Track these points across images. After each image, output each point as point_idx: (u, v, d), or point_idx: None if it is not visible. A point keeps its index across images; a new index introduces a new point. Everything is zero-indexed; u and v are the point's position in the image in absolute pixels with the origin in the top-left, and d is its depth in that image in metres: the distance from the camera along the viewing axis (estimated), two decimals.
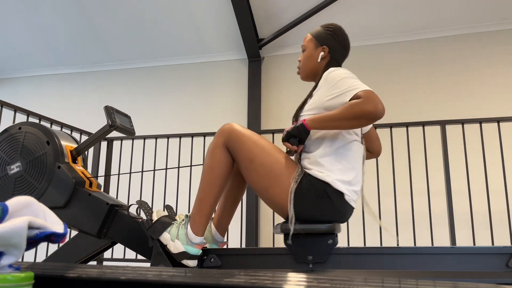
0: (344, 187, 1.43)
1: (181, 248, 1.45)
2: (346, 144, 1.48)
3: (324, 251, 1.46)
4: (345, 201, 1.45)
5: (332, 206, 1.43)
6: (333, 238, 1.46)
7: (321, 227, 1.44)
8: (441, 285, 0.55)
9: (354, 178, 1.46)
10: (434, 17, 4.39)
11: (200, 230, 1.49)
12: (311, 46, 1.65)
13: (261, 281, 0.54)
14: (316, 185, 1.42)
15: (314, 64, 1.64)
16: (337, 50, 1.63)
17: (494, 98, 4.19)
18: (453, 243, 2.83)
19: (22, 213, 0.50)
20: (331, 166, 1.44)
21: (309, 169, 1.46)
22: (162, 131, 4.63)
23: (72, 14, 4.90)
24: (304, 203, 1.42)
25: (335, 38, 1.63)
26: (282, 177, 1.45)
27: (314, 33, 1.67)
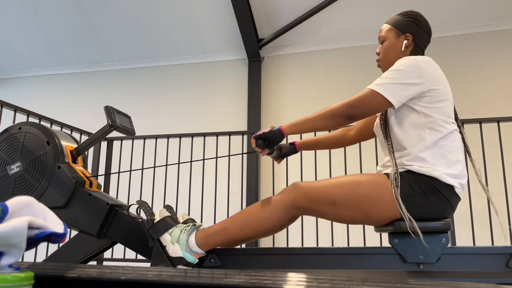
0: (454, 180, 1.35)
1: (179, 253, 1.44)
2: (446, 134, 1.40)
3: (437, 250, 1.37)
4: (456, 195, 1.38)
5: (443, 201, 1.35)
6: (446, 237, 1.38)
7: (436, 224, 1.35)
8: (441, 285, 0.55)
9: (461, 171, 1.39)
10: (434, 17, 4.39)
11: (205, 248, 1.46)
12: (392, 35, 1.58)
13: (261, 281, 0.54)
14: (421, 181, 1.35)
15: (398, 54, 1.57)
16: (421, 36, 1.57)
17: (494, 98, 4.19)
18: (453, 243, 2.82)
19: (22, 213, 0.50)
20: (435, 160, 1.36)
21: (410, 165, 1.38)
22: (162, 131, 4.62)
23: (72, 14, 4.90)
24: (413, 203, 1.34)
25: (417, 25, 1.57)
26: (374, 194, 1.37)
27: (393, 22, 1.60)
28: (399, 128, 1.45)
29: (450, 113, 1.45)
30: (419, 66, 1.40)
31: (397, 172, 1.36)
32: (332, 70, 4.78)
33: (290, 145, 1.77)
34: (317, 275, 0.60)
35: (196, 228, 1.51)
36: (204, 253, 1.49)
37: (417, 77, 1.39)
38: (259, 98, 4.77)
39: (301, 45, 4.91)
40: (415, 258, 1.37)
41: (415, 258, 1.37)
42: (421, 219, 1.35)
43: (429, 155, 1.37)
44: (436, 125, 1.40)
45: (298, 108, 4.75)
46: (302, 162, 3.24)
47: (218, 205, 3.42)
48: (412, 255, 1.38)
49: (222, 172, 3.99)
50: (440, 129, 1.40)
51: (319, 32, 4.75)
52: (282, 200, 1.44)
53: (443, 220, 1.37)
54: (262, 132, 1.47)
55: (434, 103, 1.41)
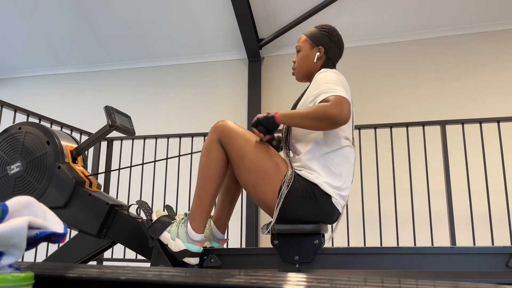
0: (332, 190, 1.44)
1: (182, 246, 1.46)
2: (337, 149, 1.49)
3: (310, 251, 1.47)
4: (332, 204, 1.46)
5: (318, 207, 1.44)
6: (319, 238, 1.47)
7: (307, 227, 1.45)
8: (441, 285, 0.55)
9: (342, 184, 1.48)
10: (434, 17, 4.39)
11: (200, 227, 1.50)
12: (307, 46, 1.66)
13: (261, 281, 0.54)
14: (304, 186, 1.43)
15: (310, 65, 1.65)
16: (333, 50, 1.64)
17: (494, 98, 4.19)
18: (453, 243, 2.83)
19: (22, 213, 0.50)
20: (320, 169, 1.46)
21: (299, 170, 1.48)
22: (162, 131, 4.63)
23: (72, 14, 4.90)
24: (292, 204, 1.43)
25: (330, 39, 1.64)
26: (271, 176, 1.46)
27: (309, 34, 1.67)
28: (299, 134, 1.54)
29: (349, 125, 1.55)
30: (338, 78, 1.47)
31: (293, 174, 1.45)
32: None
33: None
34: (317, 275, 0.60)
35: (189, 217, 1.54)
36: (206, 240, 1.53)
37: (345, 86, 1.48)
38: (259, 98, 4.77)
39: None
40: (290, 258, 1.47)
41: (291, 258, 1.47)
42: (298, 221, 1.46)
43: (316, 164, 1.46)
44: (327, 140, 1.49)
45: None
46: None
47: None
48: (288, 255, 1.48)
49: None
50: (330, 144, 1.48)
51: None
52: (211, 140, 1.53)
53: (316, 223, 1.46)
54: (257, 118, 1.51)
55: None
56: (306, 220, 1.46)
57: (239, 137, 1.50)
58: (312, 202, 1.43)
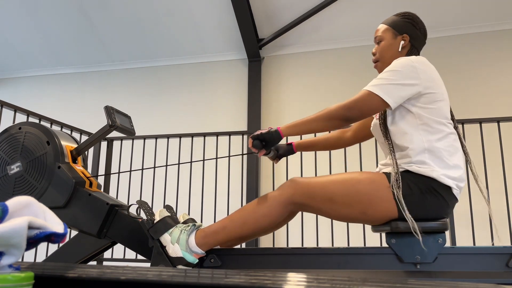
0: (451, 181, 1.36)
1: (179, 253, 1.44)
2: (443, 136, 1.41)
3: (434, 250, 1.37)
4: (453, 195, 1.38)
5: (441, 201, 1.36)
6: (443, 237, 1.38)
7: (433, 224, 1.36)
8: (441, 285, 0.55)
9: (459, 174, 1.39)
10: (434, 17, 4.39)
11: (204, 247, 1.46)
12: (389, 36, 1.58)
13: (261, 281, 0.54)
14: (419, 182, 1.35)
15: (394, 54, 1.57)
16: (418, 37, 1.58)
17: (494, 98, 4.19)
18: (453, 243, 2.83)
19: (22, 213, 0.50)
20: (432, 161, 1.37)
21: (409, 165, 1.39)
22: (162, 131, 4.62)
23: (72, 14, 4.90)
24: (411, 202, 1.34)
25: (414, 26, 1.57)
26: (373, 192, 1.37)
27: (390, 23, 1.60)
28: (396, 129, 1.46)
29: (447, 113, 1.46)
30: (414, 67, 1.41)
31: (398, 173, 1.37)
32: (332, 70, 4.78)
33: (287, 146, 1.78)
34: (317, 275, 0.60)
35: (196, 228, 1.51)
36: (204, 253, 1.49)
37: (413, 77, 1.40)
38: (259, 98, 4.77)
39: (301, 45, 4.91)
40: (412, 258, 1.38)
41: (412, 258, 1.38)
42: (418, 219, 1.35)
43: (427, 157, 1.38)
44: (432, 127, 1.41)
45: (298, 108, 4.75)
46: (302, 161, 3.24)
47: (218, 205, 3.42)
48: (409, 255, 1.38)
49: (222, 172, 3.99)
50: (436, 131, 1.41)
51: (319, 32, 4.75)
52: (279, 196, 1.43)
53: (440, 220, 1.38)
54: (260, 132, 1.47)
55: (430, 103, 1.42)
56: (428, 217, 1.36)
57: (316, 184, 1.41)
58: (433, 197, 1.35)
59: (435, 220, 1.37)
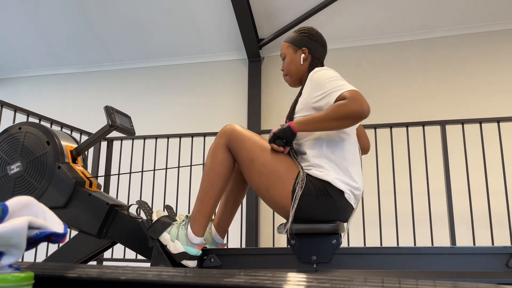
0: (344, 186, 1.44)
1: (181, 248, 1.46)
2: (341, 145, 1.49)
3: (328, 251, 1.46)
4: (346, 200, 1.45)
5: (333, 204, 1.43)
6: (337, 238, 1.46)
7: (325, 226, 1.44)
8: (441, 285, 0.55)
9: (353, 179, 1.48)
10: (434, 17, 4.39)
11: (200, 230, 1.49)
12: (290, 51, 1.69)
13: (261, 281, 0.54)
14: (316, 184, 1.43)
15: (297, 67, 1.67)
16: (316, 48, 1.67)
17: (494, 98, 4.19)
18: (453, 243, 2.83)
19: (22, 213, 0.50)
20: (328, 166, 1.46)
21: (308, 169, 1.48)
22: (162, 131, 4.62)
23: (72, 14, 4.90)
24: (306, 203, 1.42)
25: (311, 38, 1.67)
26: (283, 177, 1.45)
27: (289, 39, 1.71)
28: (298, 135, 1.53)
29: None
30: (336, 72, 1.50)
31: (304, 174, 1.44)
32: None
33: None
34: (317, 275, 0.60)
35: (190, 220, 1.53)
36: (205, 243, 1.53)
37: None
38: (259, 98, 4.77)
39: None
40: (308, 258, 1.46)
41: (309, 258, 1.46)
42: (314, 220, 1.44)
43: (324, 161, 1.46)
44: (332, 134, 1.49)
45: None
46: None
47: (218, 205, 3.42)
48: (305, 255, 1.47)
49: None
50: (336, 139, 1.49)
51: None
52: (219, 141, 1.53)
53: (333, 222, 1.45)
54: (273, 133, 1.50)
55: None
56: (321, 218, 1.45)
57: (247, 141, 1.50)
58: (326, 199, 1.42)
59: (328, 222, 1.45)
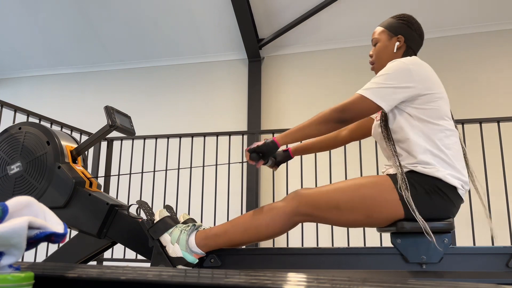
0: (457, 181, 1.36)
1: (179, 253, 1.44)
2: (445, 136, 1.41)
3: (439, 250, 1.37)
4: (459, 195, 1.39)
5: (447, 202, 1.36)
6: (449, 237, 1.38)
7: (439, 224, 1.35)
8: (441, 285, 0.55)
9: (461, 173, 1.40)
10: (434, 17, 4.39)
11: (205, 248, 1.47)
12: (385, 37, 1.60)
13: (261, 281, 0.54)
14: (425, 182, 1.36)
15: (390, 55, 1.58)
16: (413, 38, 1.58)
17: (494, 98, 4.19)
18: (453, 243, 2.83)
19: (22, 213, 0.50)
20: (437, 161, 1.37)
21: (414, 166, 1.39)
22: (162, 131, 4.62)
23: (72, 14, 4.90)
24: (415, 203, 1.34)
25: (409, 27, 1.58)
26: (377, 195, 1.38)
27: (385, 25, 1.62)
28: (398, 131, 1.46)
29: (447, 112, 1.46)
30: (408, 69, 1.41)
31: (403, 174, 1.37)
32: (332, 70, 4.78)
33: (284, 152, 1.78)
34: (317, 275, 0.60)
35: (196, 228, 1.51)
36: (204, 254, 1.49)
37: (407, 80, 1.40)
38: (259, 98, 4.77)
39: (301, 45, 4.91)
40: (417, 258, 1.38)
41: (418, 258, 1.38)
42: (424, 219, 1.35)
43: (430, 157, 1.38)
44: (433, 128, 1.41)
45: (298, 108, 4.75)
46: (302, 162, 3.24)
47: (218, 206, 3.42)
48: (414, 255, 1.38)
49: (222, 172, 3.99)
50: (437, 131, 1.41)
51: (319, 32, 4.75)
52: (284, 208, 1.44)
53: (446, 220, 1.38)
54: (256, 145, 1.48)
55: (429, 103, 1.42)
56: (433, 217, 1.36)
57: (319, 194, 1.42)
58: (439, 197, 1.35)
59: (441, 220, 1.37)
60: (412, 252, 1.39)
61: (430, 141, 1.40)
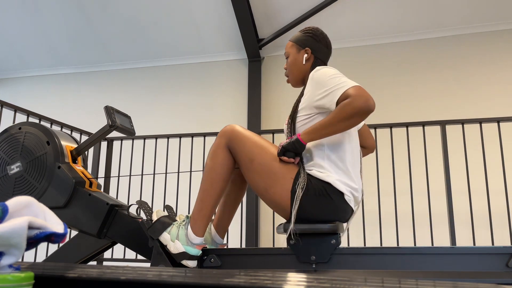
0: (344, 188, 1.44)
1: (181, 248, 1.46)
2: (342, 145, 1.49)
3: (327, 251, 1.46)
4: (345, 201, 1.45)
5: (333, 205, 1.43)
6: (336, 238, 1.47)
7: (325, 226, 1.44)
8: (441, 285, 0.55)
9: (353, 180, 1.48)
10: (434, 17, 4.39)
11: (200, 231, 1.50)
12: (294, 51, 1.68)
13: (261, 281, 0.54)
14: (316, 185, 1.43)
15: (300, 68, 1.66)
16: (320, 49, 1.66)
17: (494, 98, 4.19)
18: (453, 243, 2.83)
19: (22, 213, 0.50)
20: (330, 167, 1.46)
21: (309, 169, 1.48)
22: (162, 131, 4.63)
23: (72, 14, 4.90)
24: (306, 203, 1.42)
25: (315, 39, 1.66)
26: (282, 177, 1.45)
27: (293, 39, 1.70)
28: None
29: None
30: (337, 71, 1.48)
31: (305, 174, 1.45)
32: None
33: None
34: (317, 275, 0.60)
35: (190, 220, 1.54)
36: (205, 243, 1.53)
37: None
38: (259, 98, 4.77)
39: None
40: (307, 258, 1.46)
41: (308, 258, 1.46)
42: (313, 220, 1.44)
43: (326, 162, 1.47)
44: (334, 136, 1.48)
45: None
46: None
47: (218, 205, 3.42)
48: (305, 255, 1.47)
49: None
50: (337, 140, 1.49)
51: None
52: (219, 142, 1.53)
53: (332, 222, 1.45)
54: (281, 146, 1.48)
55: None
56: (320, 219, 1.45)
57: (247, 141, 1.51)
58: (326, 200, 1.43)
59: (327, 223, 1.45)
60: (303, 252, 1.48)
61: (327, 150, 1.48)
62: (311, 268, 1.46)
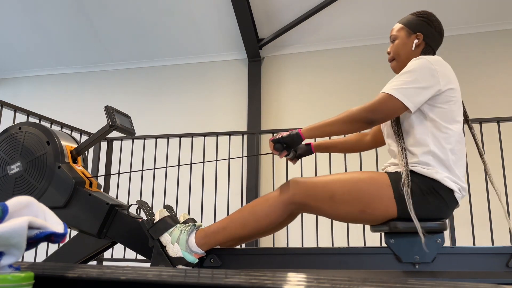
0: (454, 184, 1.37)
1: (179, 253, 1.44)
2: (450, 139, 1.41)
3: (432, 250, 1.38)
4: (455, 198, 1.39)
5: (441, 203, 1.36)
6: (441, 237, 1.39)
7: (432, 225, 1.36)
8: (441, 285, 0.55)
9: (461, 176, 1.40)
10: None
11: (204, 247, 1.47)
12: (403, 34, 1.57)
13: (261, 281, 0.54)
14: (422, 183, 1.36)
15: (408, 53, 1.55)
16: (432, 36, 1.55)
17: (494, 98, 4.19)
18: (453, 243, 2.82)
19: (22, 213, 0.50)
20: (437, 163, 1.38)
21: (413, 166, 1.39)
22: (162, 131, 4.62)
23: (72, 14, 4.90)
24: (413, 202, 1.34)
25: (429, 24, 1.55)
26: (376, 190, 1.37)
27: (404, 21, 1.58)
28: (408, 129, 1.46)
29: (457, 116, 1.45)
30: (433, 69, 1.40)
31: (408, 173, 1.36)
32: (332, 70, 4.77)
33: (306, 146, 1.76)
34: (317, 275, 0.60)
35: (196, 228, 1.51)
36: (204, 253, 1.49)
37: (431, 80, 1.39)
38: (259, 98, 4.77)
39: (301, 45, 4.91)
40: (410, 258, 1.38)
41: (411, 258, 1.38)
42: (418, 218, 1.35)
43: (431, 159, 1.38)
44: (441, 130, 1.40)
45: (298, 108, 4.75)
46: (302, 162, 3.24)
47: (218, 205, 3.42)
48: (407, 255, 1.39)
49: (222, 172, 3.99)
50: (444, 134, 1.40)
51: (319, 32, 4.75)
52: (280, 196, 1.44)
53: (439, 220, 1.38)
54: (281, 136, 1.47)
55: (445, 103, 1.41)
56: (426, 216, 1.36)
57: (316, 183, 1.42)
58: (434, 197, 1.35)
59: (434, 221, 1.38)
60: (405, 252, 1.39)
61: (437, 144, 1.39)
62: (414, 269, 1.38)
